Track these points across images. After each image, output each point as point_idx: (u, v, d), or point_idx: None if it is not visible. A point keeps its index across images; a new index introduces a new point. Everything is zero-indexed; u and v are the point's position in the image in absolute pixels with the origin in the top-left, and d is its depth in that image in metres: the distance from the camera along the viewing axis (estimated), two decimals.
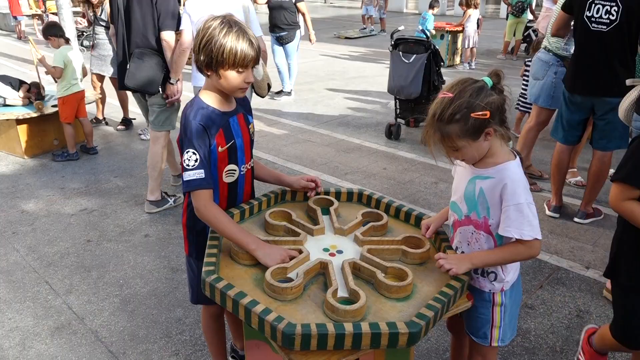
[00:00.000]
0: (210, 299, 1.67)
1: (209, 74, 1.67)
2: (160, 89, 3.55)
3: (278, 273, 1.54)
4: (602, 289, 2.85)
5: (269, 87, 3.57)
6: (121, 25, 3.51)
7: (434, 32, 9.06)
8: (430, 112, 1.50)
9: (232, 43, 1.57)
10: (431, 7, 9.31)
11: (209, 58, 1.60)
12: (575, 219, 3.65)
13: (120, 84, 3.67)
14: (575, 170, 4.35)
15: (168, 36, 3.42)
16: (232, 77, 1.64)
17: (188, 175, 1.65)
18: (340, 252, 1.71)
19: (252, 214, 1.92)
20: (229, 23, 1.61)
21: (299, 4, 6.91)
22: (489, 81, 1.50)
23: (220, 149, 1.73)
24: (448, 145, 1.50)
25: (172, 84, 3.52)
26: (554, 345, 2.45)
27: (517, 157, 1.58)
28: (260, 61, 3.35)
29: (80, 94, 4.87)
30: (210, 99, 1.74)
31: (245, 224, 1.86)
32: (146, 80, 3.45)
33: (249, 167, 1.89)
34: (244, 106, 1.88)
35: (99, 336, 2.53)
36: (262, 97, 3.63)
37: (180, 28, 3.43)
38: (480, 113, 1.43)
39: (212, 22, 1.61)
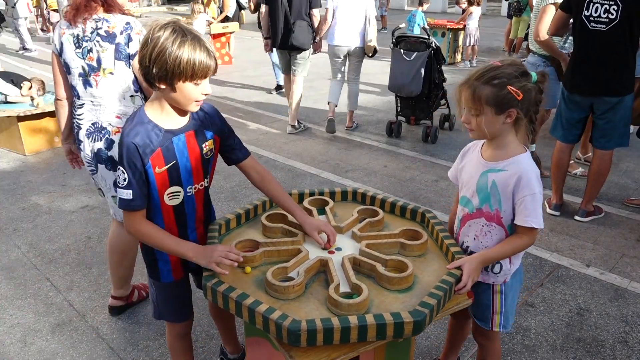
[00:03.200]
0: (174, 316, 1.75)
1: (162, 87, 1.49)
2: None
3: (279, 273, 1.54)
4: (602, 287, 2.86)
5: (375, 50, 5.39)
6: (281, 6, 5.20)
7: (427, 27, 9.09)
8: (472, 71, 1.57)
9: (189, 54, 1.43)
10: (420, 4, 9.31)
11: (164, 71, 1.44)
12: (576, 217, 3.65)
13: (282, 45, 5.38)
14: (573, 162, 4.40)
15: (317, 12, 5.36)
16: (189, 89, 1.50)
17: (119, 193, 1.57)
18: (339, 249, 1.71)
19: (248, 218, 1.92)
20: (182, 31, 1.45)
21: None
22: (534, 76, 1.56)
23: (157, 169, 1.57)
24: (472, 106, 1.54)
25: (316, 41, 5.51)
26: (554, 343, 2.45)
27: (527, 150, 1.63)
28: (372, 28, 5.26)
29: None
30: (155, 114, 1.58)
31: (241, 229, 1.87)
32: (305, 40, 5.31)
33: (201, 188, 1.72)
34: (204, 122, 1.68)
35: (100, 333, 2.54)
36: (369, 57, 5.48)
37: (326, 7, 5.28)
38: (515, 89, 1.49)
39: (160, 32, 1.44)
